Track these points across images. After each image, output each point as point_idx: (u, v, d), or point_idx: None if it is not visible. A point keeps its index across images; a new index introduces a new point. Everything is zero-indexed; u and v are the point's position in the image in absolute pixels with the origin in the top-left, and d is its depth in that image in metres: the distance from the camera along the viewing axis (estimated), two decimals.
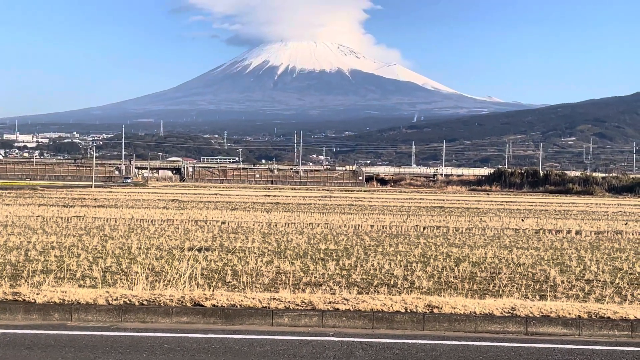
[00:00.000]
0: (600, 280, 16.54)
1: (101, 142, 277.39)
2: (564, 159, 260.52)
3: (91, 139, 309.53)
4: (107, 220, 31.93)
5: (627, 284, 16.08)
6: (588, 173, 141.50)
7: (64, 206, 43.96)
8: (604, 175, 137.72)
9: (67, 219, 32.38)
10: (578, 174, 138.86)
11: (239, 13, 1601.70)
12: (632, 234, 30.93)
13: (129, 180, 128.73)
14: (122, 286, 13.46)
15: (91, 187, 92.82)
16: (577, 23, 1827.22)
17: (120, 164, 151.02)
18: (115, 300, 11.89)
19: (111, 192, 76.31)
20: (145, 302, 11.82)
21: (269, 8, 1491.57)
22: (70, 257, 18.36)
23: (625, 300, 13.85)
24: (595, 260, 20.44)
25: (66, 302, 11.76)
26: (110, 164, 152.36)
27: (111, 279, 14.93)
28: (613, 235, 30.51)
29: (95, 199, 55.55)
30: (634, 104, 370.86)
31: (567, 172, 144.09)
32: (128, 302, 11.84)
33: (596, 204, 71.01)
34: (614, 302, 13.47)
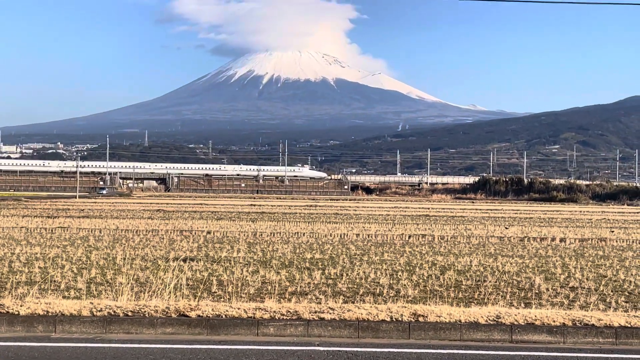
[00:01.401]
0: (584, 288, 16.62)
1: (85, 153, 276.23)
2: (548, 167, 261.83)
3: (75, 149, 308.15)
4: (91, 231, 31.79)
5: (612, 291, 16.17)
6: (572, 181, 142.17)
7: (48, 217, 43.74)
8: (587, 183, 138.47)
9: (51, 230, 32.22)
10: (562, 181, 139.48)
11: (225, 23, 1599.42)
12: (616, 241, 31.10)
13: (104, 192, 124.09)
14: (107, 297, 13.40)
15: (75, 197, 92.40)
16: (560, 32, 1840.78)
17: (105, 174, 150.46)
18: (99, 311, 11.84)
19: (96, 202, 76.00)
20: (129, 313, 11.78)
21: (256, 18, 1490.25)
22: (55, 268, 18.27)
23: (610, 307, 13.91)
24: (580, 268, 20.54)
25: (50, 314, 11.70)
26: (94, 174, 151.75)
27: (96, 290, 14.86)
28: (597, 242, 30.67)
29: (79, 210, 55.29)
30: (617, 112, 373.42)
31: (551, 180, 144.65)
32: (112, 313, 11.79)
33: (580, 211, 71.34)
34: (599, 309, 13.53)
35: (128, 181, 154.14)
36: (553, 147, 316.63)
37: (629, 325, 11.67)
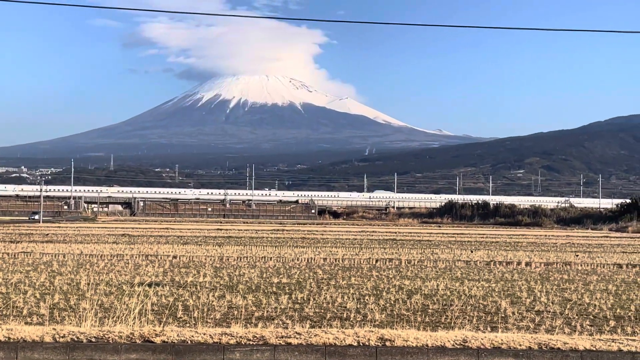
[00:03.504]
0: (550, 311, 16.73)
1: (50, 177, 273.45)
2: (513, 191, 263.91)
3: (39, 173, 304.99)
4: (55, 256, 31.37)
5: (577, 315, 16.29)
6: (537, 205, 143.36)
7: (11, 242, 43.10)
8: (552, 207, 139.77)
9: (14, 255, 31.74)
10: (527, 206, 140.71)
11: (194, 47, 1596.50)
12: (581, 265, 31.39)
13: (36, 217, 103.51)
14: (70, 323, 13.21)
15: (39, 222, 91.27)
16: (524, 58, 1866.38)
17: (69, 199, 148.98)
18: (62, 337, 11.65)
19: (60, 227, 75.11)
20: (93, 339, 11.60)
21: (225, 42, 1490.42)
22: (17, 294, 17.98)
23: (575, 331, 14.01)
24: (545, 292, 20.68)
25: (12, 340, 11.49)
26: (59, 199, 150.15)
27: (59, 316, 14.65)
28: (562, 266, 30.93)
29: (43, 234, 54.59)
30: (580, 137, 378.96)
31: (516, 204, 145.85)
32: (76, 339, 11.61)
33: (545, 235, 71.93)
34: (564, 332, 13.62)
35: (93, 205, 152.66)
36: (518, 172, 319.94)
37: (595, 349, 11.75)
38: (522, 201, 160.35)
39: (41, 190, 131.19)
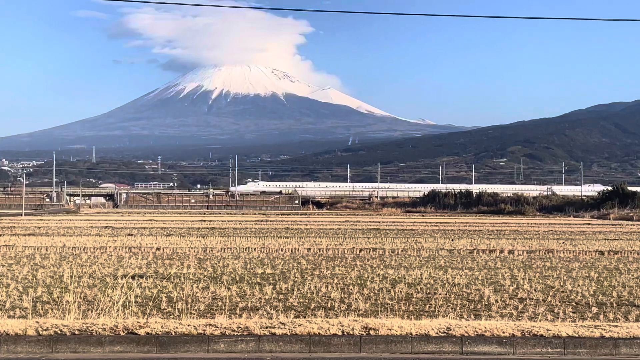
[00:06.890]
0: (533, 299, 16.83)
1: (31, 170, 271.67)
2: (496, 180, 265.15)
3: (21, 166, 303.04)
4: (37, 249, 31.19)
5: (559, 302, 16.40)
6: (519, 193, 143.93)
7: None
8: (534, 195, 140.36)
9: None
10: (510, 194, 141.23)
11: (180, 38, 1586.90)
12: (563, 253, 31.58)
13: None
14: (54, 316, 13.14)
15: (21, 215, 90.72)
16: (505, 47, 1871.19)
17: (51, 191, 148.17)
18: (45, 330, 11.60)
19: (42, 220, 74.68)
20: (77, 332, 11.56)
21: (211, 33, 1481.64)
22: None
23: (558, 317, 14.11)
24: (528, 279, 20.79)
25: None
26: (41, 192, 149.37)
27: (42, 309, 14.57)
28: (545, 254, 31.10)
29: (25, 228, 54.26)
30: (562, 126, 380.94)
31: (499, 192, 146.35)
32: (59, 332, 11.56)
33: (528, 223, 72.24)
34: (547, 319, 13.71)
35: (75, 198, 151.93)
36: (500, 160, 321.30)
37: (577, 335, 11.84)
38: (505, 189, 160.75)
39: (23, 184, 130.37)
